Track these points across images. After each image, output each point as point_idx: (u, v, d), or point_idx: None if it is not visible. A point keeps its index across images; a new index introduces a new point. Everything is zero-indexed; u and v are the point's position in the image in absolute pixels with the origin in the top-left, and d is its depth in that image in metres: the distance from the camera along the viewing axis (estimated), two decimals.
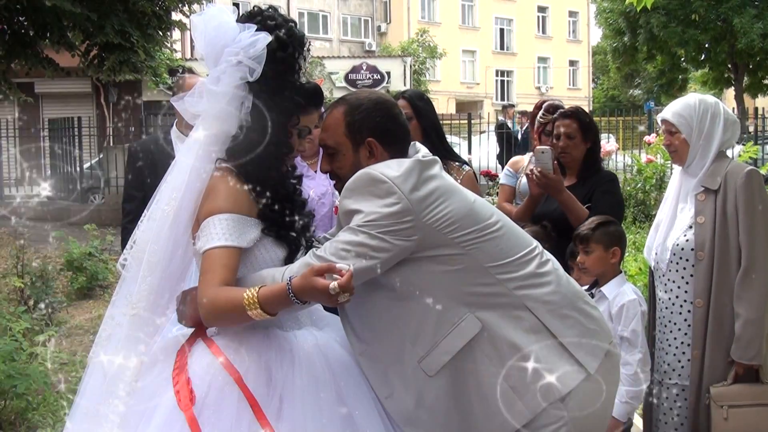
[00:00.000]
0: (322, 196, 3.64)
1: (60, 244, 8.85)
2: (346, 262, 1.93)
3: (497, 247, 2.09)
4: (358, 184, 2.06)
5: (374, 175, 2.05)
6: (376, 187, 2.03)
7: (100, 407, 2.06)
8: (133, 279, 2.14)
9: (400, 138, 2.22)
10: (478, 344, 2.04)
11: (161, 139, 3.89)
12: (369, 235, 1.99)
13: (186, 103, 2.18)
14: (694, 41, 24.26)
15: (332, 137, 2.20)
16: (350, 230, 2.02)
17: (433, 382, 2.06)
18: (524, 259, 2.12)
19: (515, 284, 2.08)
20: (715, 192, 3.02)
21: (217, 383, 2.03)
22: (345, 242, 2.00)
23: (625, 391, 2.92)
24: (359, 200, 2.04)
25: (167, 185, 2.18)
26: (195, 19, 2.17)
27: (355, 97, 2.24)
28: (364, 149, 2.18)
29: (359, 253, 1.98)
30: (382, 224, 1.99)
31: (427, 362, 2.06)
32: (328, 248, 2.02)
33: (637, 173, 10.73)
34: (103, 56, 12.63)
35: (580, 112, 3.57)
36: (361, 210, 2.02)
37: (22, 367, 4.06)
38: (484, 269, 2.06)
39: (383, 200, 2.01)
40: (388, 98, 2.30)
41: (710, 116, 3.06)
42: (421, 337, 2.06)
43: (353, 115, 2.18)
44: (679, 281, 3.09)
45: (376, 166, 2.09)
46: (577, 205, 3.32)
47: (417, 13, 37.81)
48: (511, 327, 2.04)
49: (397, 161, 2.12)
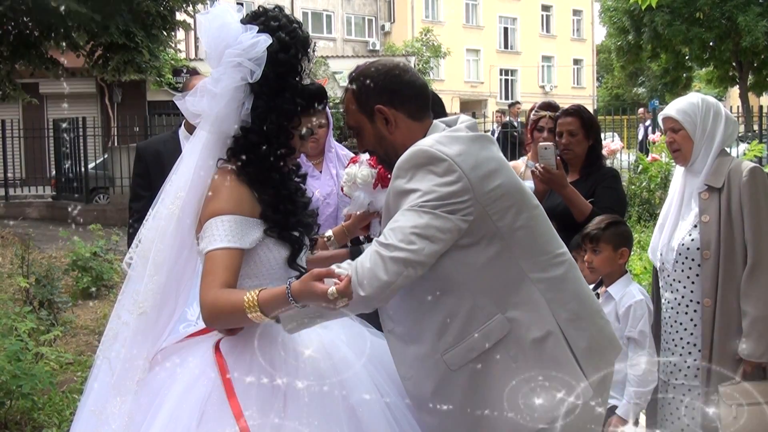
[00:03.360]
0: (327, 196, 3.65)
1: (65, 244, 8.88)
2: (414, 247, 1.87)
3: (534, 237, 2.07)
4: (413, 162, 1.99)
5: (432, 152, 1.98)
6: (435, 165, 1.96)
7: (107, 405, 2.07)
8: (140, 277, 2.14)
9: (411, 95, 2.15)
10: (505, 346, 2.02)
11: (169, 139, 3.89)
12: (433, 215, 1.92)
13: (187, 102, 2.18)
14: (699, 39, 24.20)
15: (351, 118, 2.20)
16: (412, 212, 1.92)
17: (453, 376, 2.05)
18: (555, 261, 2.11)
19: (544, 285, 2.06)
20: (718, 190, 3.02)
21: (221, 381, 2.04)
22: (412, 226, 1.90)
23: (633, 391, 2.92)
24: (415, 179, 1.96)
25: (172, 184, 2.18)
26: (201, 18, 2.17)
27: (359, 72, 2.20)
28: (379, 118, 2.14)
29: (428, 235, 1.90)
30: (444, 203, 1.92)
31: (451, 356, 2.04)
32: (393, 236, 1.90)
33: (642, 172, 10.70)
34: (107, 56, 12.66)
35: (582, 110, 3.63)
36: (418, 189, 1.94)
37: (28, 366, 4.07)
38: (518, 265, 2.03)
39: (442, 178, 1.94)
40: (388, 61, 2.22)
41: (713, 114, 3.08)
42: (449, 330, 2.04)
43: (359, 90, 2.16)
44: (684, 281, 3.08)
45: (428, 141, 2.02)
46: (580, 200, 3.35)
47: (421, 13, 37.81)
48: (536, 331, 2.03)
49: (450, 137, 2.04)
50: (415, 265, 1.90)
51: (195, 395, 2.02)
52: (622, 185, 3.75)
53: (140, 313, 2.09)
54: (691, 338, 3.06)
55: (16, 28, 11.55)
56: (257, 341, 2.14)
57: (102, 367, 2.18)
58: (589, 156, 3.60)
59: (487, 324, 2.01)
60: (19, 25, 11.56)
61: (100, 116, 21.20)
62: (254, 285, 2.12)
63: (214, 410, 2.00)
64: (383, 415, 2.15)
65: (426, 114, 2.19)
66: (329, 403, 2.10)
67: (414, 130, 2.15)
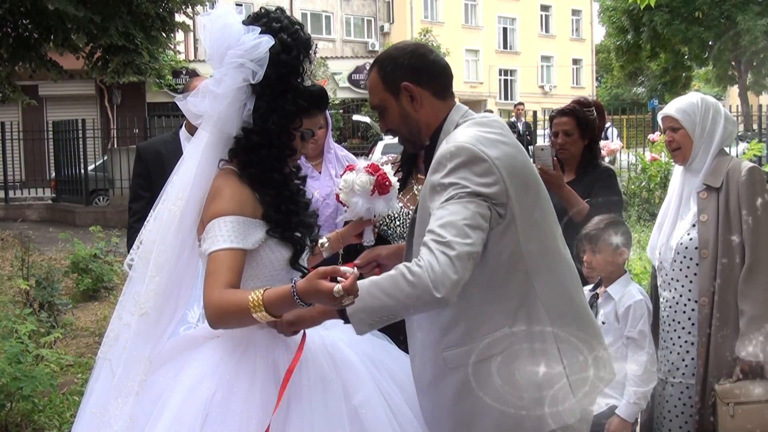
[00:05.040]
0: (327, 197, 3.65)
1: (65, 246, 8.88)
2: (471, 239, 1.89)
3: (546, 256, 2.12)
4: (455, 159, 2.00)
5: (475, 151, 2.00)
6: (476, 165, 1.98)
7: (108, 406, 2.07)
8: (141, 279, 2.14)
9: (435, 74, 2.19)
10: (504, 359, 2.04)
11: (170, 140, 3.89)
12: (476, 204, 1.94)
13: (189, 103, 2.19)
14: (698, 39, 24.23)
15: (375, 96, 2.22)
16: (457, 204, 1.93)
17: (449, 374, 2.08)
18: (565, 287, 2.16)
19: (550, 304, 2.09)
20: (717, 190, 3.02)
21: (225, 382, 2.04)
22: (462, 218, 1.91)
23: (633, 391, 2.92)
24: (454, 174, 1.98)
25: (174, 185, 2.18)
26: (202, 19, 2.18)
27: (384, 53, 2.26)
28: (405, 96, 2.17)
29: (478, 224, 1.92)
30: (485, 195, 1.96)
31: (450, 354, 2.07)
32: (448, 232, 1.89)
33: (642, 171, 10.71)
34: (107, 58, 12.68)
35: (577, 110, 3.62)
36: (458, 182, 1.96)
37: (28, 369, 4.07)
38: (529, 281, 2.06)
39: (482, 179, 1.97)
40: (414, 42, 2.30)
41: (712, 113, 3.09)
42: (455, 330, 2.07)
43: (385, 68, 2.19)
44: (683, 280, 3.09)
45: (469, 139, 2.03)
46: (577, 200, 3.37)
47: (420, 13, 37.80)
48: (533, 350, 2.05)
49: (489, 138, 2.06)
50: (475, 256, 1.92)
51: (198, 397, 2.02)
52: (619, 184, 3.76)
53: (141, 314, 2.10)
54: (689, 337, 3.07)
55: (15, 30, 11.57)
56: (260, 342, 2.15)
57: (103, 368, 2.18)
58: (585, 155, 3.62)
59: (492, 334, 2.04)
60: (18, 28, 11.58)
61: (99, 118, 21.20)
62: (256, 286, 2.12)
63: (218, 412, 2.00)
64: (385, 416, 2.15)
65: (449, 94, 2.23)
66: (331, 405, 2.10)
67: (438, 109, 2.19)
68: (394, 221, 3.00)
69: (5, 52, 11.54)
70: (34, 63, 11.93)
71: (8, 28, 11.38)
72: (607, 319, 3.05)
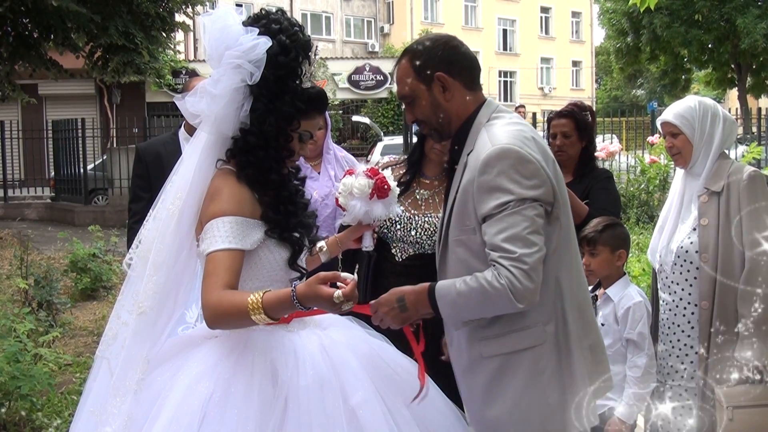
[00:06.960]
0: (326, 198, 3.65)
1: (64, 245, 8.88)
2: (536, 247, 1.99)
3: (569, 255, 2.20)
4: (503, 160, 2.05)
5: (522, 153, 2.05)
6: (524, 167, 2.04)
7: (106, 405, 2.07)
8: (139, 278, 2.14)
9: (466, 66, 2.24)
10: (534, 354, 2.12)
11: (169, 140, 3.89)
12: (531, 207, 2.02)
13: (187, 103, 2.19)
14: (698, 41, 24.24)
15: (406, 86, 2.25)
16: (515, 215, 2.01)
17: (484, 363, 2.17)
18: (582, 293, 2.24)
19: (575, 308, 2.17)
20: (718, 194, 3.02)
21: (223, 382, 2.04)
22: (524, 228, 1.99)
23: (632, 393, 2.93)
24: (506, 178, 2.03)
25: (172, 185, 2.18)
26: (203, 19, 2.18)
27: (414, 44, 2.29)
28: (437, 86, 2.21)
29: (536, 229, 2.02)
30: (536, 198, 2.03)
31: (486, 344, 2.15)
32: (515, 246, 1.98)
33: (641, 174, 10.72)
34: (107, 58, 12.67)
35: (575, 112, 3.63)
36: (510, 189, 2.02)
37: (27, 368, 4.06)
38: (558, 281, 2.14)
39: (529, 181, 2.04)
40: (444, 34, 2.35)
41: (711, 116, 3.08)
42: (493, 324, 2.13)
43: (417, 59, 2.22)
44: (683, 284, 3.09)
45: (516, 141, 2.08)
46: (576, 201, 3.36)
47: (420, 14, 37.81)
48: (564, 352, 2.14)
49: (526, 137, 2.11)
50: (543, 257, 2.03)
51: (196, 397, 2.02)
52: (616, 186, 3.77)
53: (140, 314, 2.10)
54: (689, 340, 3.07)
55: (15, 29, 11.56)
56: (258, 343, 2.15)
57: (101, 367, 2.18)
58: (583, 157, 3.63)
59: (527, 329, 2.11)
60: (18, 26, 11.57)
61: (99, 117, 21.20)
62: (255, 286, 2.12)
63: (216, 412, 2.00)
64: (383, 417, 2.15)
65: (478, 86, 2.28)
66: (329, 405, 2.10)
67: (468, 101, 2.24)
68: (395, 224, 2.99)
69: (5, 50, 11.54)
70: (33, 62, 11.93)
71: (8, 27, 11.38)
72: (607, 320, 3.06)
